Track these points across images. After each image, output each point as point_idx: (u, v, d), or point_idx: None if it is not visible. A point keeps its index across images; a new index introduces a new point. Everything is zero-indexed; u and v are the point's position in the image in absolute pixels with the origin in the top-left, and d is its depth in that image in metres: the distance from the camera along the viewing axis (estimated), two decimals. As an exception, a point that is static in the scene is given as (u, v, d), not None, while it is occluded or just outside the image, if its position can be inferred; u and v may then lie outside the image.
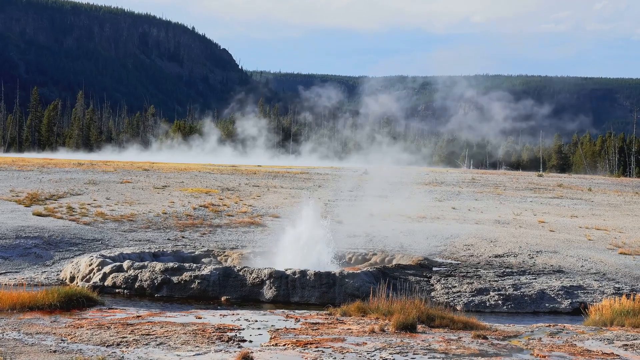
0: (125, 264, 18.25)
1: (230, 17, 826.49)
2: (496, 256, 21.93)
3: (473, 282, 18.09)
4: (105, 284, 17.79)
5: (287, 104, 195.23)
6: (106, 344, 11.54)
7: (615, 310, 14.39)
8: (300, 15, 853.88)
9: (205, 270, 17.58)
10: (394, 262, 20.29)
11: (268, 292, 17.07)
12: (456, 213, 33.06)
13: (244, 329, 12.90)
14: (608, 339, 12.66)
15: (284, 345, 11.72)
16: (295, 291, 17.11)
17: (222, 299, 16.99)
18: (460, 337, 12.51)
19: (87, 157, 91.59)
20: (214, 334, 12.33)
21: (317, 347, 11.54)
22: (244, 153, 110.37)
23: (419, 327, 13.12)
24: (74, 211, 27.64)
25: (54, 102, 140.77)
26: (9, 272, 18.90)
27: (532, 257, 21.75)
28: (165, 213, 28.59)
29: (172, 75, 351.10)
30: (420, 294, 16.12)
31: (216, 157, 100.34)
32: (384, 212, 31.11)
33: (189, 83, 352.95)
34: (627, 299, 15.08)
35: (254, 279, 17.30)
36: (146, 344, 11.59)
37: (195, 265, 18.15)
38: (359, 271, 17.86)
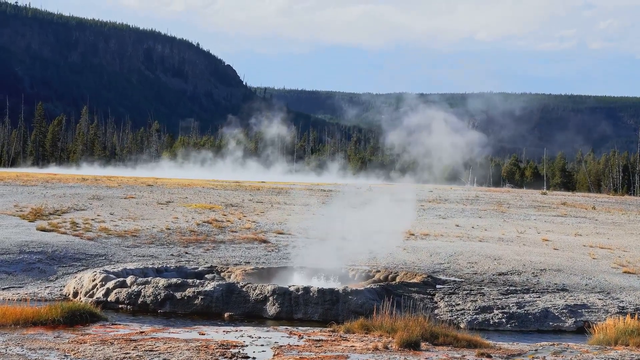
0: (129, 279, 18.24)
1: (235, 34, 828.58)
2: (500, 274, 21.88)
3: (477, 300, 18.05)
4: (109, 299, 17.78)
5: (297, 120, 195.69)
6: (109, 360, 11.53)
7: (620, 330, 14.34)
8: (305, 32, 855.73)
9: (209, 287, 17.56)
10: (397, 279, 20.26)
11: (271, 309, 17.05)
12: (460, 230, 33.03)
13: (247, 346, 12.89)
14: (612, 358, 12.62)
15: (288, 362, 11.70)
16: (299, 308, 17.08)
17: (225, 315, 16.97)
18: (464, 355, 12.48)
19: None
20: (217, 350, 12.32)
21: (320, 365, 11.53)
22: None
23: (423, 344, 13.09)
24: (77, 226, 27.66)
25: (59, 117, 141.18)
26: (12, 287, 18.90)
27: (536, 275, 21.71)
28: (169, 229, 28.60)
29: (176, 91, 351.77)
30: (424, 312, 16.08)
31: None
32: (388, 229, 31.05)
33: (193, 98, 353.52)
34: (632, 318, 15.04)
35: (257, 295, 17.28)
36: (149, 360, 11.58)
37: (198, 281, 18.14)
38: (362, 288, 17.83)
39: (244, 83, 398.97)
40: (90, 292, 18.17)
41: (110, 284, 18.14)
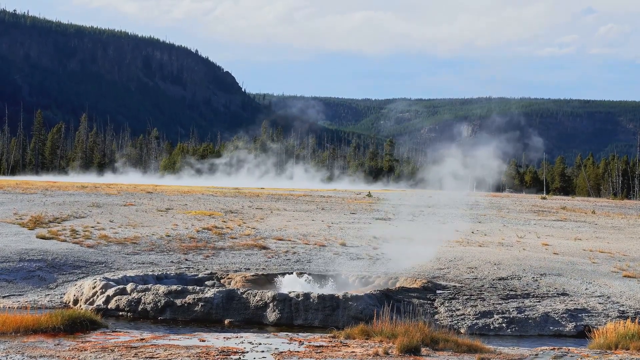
0: (129, 286, 18.23)
1: (235, 41, 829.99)
2: (500, 279, 21.87)
3: (477, 305, 18.04)
4: (109, 306, 17.77)
5: (296, 127, 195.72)
6: (110, 367, 11.51)
7: (620, 334, 14.32)
8: (306, 39, 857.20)
9: (209, 293, 17.55)
10: (397, 285, 20.24)
11: (271, 315, 17.04)
12: (460, 235, 33.01)
13: (247, 352, 12.87)
14: (613, 362, 12.61)
15: (288, 368, 11.69)
16: (299, 314, 17.07)
17: (226, 321, 16.96)
18: (465, 360, 12.47)
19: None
20: (217, 356, 12.30)
21: (321, 370, 11.51)
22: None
23: (423, 350, 13.08)
24: (77, 234, 27.64)
25: (58, 125, 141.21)
26: (12, 294, 18.88)
27: (536, 280, 21.70)
28: (169, 236, 28.58)
29: (175, 98, 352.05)
30: (424, 317, 16.07)
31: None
32: (387, 234, 31.08)
33: (192, 106, 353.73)
34: (632, 322, 15.02)
35: (258, 301, 17.27)
36: (150, 367, 11.57)
37: (198, 288, 18.11)
38: (362, 294, 17.82)
39: (243, 90, 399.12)
40: (91, 300, 18.16)
41: (110, 292, 18.13)
